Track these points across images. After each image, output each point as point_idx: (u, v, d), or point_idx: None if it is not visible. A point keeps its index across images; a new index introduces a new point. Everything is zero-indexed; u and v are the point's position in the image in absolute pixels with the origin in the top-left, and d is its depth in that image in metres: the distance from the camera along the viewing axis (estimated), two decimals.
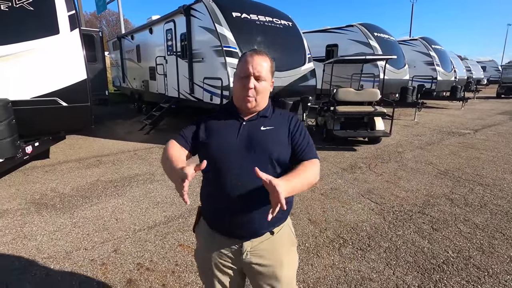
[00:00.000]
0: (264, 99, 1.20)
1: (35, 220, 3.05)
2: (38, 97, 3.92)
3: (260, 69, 1.12)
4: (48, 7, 3.87)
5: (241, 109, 1.21)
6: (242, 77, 1.14)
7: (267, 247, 1.18)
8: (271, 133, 1.16)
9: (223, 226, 1.18)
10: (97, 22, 42.67)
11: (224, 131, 1.17)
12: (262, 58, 1.15)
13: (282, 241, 1.22)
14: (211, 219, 1.22)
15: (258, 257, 1.17)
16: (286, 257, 1.22)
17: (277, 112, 1.25)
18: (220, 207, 1.16)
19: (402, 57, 11.29)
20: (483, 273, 2.25)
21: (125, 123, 9.04)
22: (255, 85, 1.13)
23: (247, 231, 1.15)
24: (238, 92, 1.17)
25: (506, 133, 7.55)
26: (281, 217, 1.21)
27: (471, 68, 24.80)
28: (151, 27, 8.70)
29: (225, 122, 1.20)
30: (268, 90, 1.19)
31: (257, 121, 1.19)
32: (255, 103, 1.16)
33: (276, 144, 1.15)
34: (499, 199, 3.58)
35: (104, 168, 4.74)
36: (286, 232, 1.24)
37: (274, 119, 1.21)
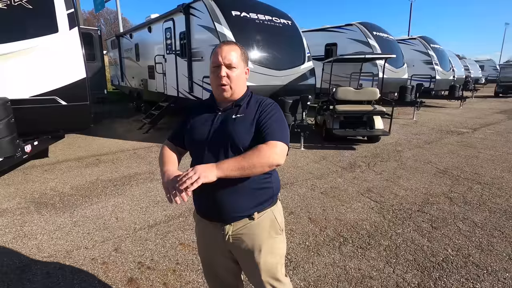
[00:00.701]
0: (239, 87, 1.23)
1: (35, 219, 3.04)
2: (37, 96, 3.91)
3: (230, 57, 1.17)
4: (47, 5, 3.86)
5: (219, 100, 1.26)
6: (214, 67, 1.19)
7: (247, 232, 1.22)
8: (240, 120, 1.19)
9: (204, 210, 1.28)
10: (95, 21, 42.50)
11: (200, 124, 1.24)
12: (231, 47, 1.19)
13: (263, 227, 1.24)
14: (196, 205, 1.31)
15: (240, 241, 1.22)
16: (266, 243, 1.24)
17: (254, 99, 1.27)
18: (200, 194, 1.20)
19: (401, 56, 11.31)
20: (482, 271, 2.27)
21: (124, 122, 9.03)
22: (227, 72, 1.17)
23: (224, 214, 1.20)
24: (213, 83, 1.22)
25: (505, 132, 7.59)
26: (262, 202, 1.24)
27: (469, 67, 24.87)
28: (150, 25, 8.67)
29: (203, 115, 1.26)
30: (242, 77, 1.23)
31: (231, 110, 1.23)
32: (231, 91, 1.20)
33: (244, 130, 1.17)
34: (497, 198, 3.60)
35: (104, 167, 4.73)
36: (269, 218, 1.26)
37: (249, 106, 1.24)
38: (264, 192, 1.24)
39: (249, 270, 1.29)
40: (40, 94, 3.93)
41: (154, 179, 4.19)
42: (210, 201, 1.20)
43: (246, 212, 1.21)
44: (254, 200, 1.22)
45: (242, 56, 1.21)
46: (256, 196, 1.22)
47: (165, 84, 8.07)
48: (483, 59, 35.28)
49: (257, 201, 1.22)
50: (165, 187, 1.11)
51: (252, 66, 5.87)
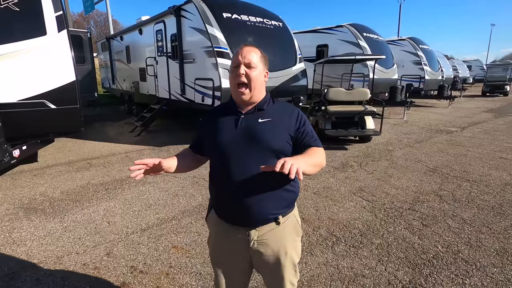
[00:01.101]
0: (258, 90, 1.22)
1: (24, 225, 2.99)
2: (26, 99, 3.84)
3: (250, 57, 1.17)
4: (35, 8, 3.80)
5: (238, 102, 1.24)
6: (234, 67, 1.19)
7: (273, 237, 1.22)
8: (269, 124, 1.19)
9: (228, 214, 1.25)
10: (85, 23, 41.96)
11: (224, 126, 1.22)
12: (251, 48, 1.20)
13: (288, 231, 1.26)
14: (218, 209, 1.29)
15: (265, 245, 1.22)
16: (290, 246, 1.26)
17: (277, 103, 1.29)
18: (224, 197, 1.23)
19: (390, 57, 11.48)
20: (471, 267, 2.32)
21: (115, 125, 8.93)
22: (246, 71, 1.16)
23: (250, 218, 1.19)
24: (232, 83, 1.21)
25: (492, 130, 7.77)
26: (286, 205, 1.26)
27: (457, 67, 25.40)
28: (140, 27, 8.62)
29: (224, 118, 1.24)
30: (261, 79, 1.22)
31: (255, 114, 1.22)
32: (250, 93, 1.19)
33: (274, 135, 1.17)
34: (485, 195, 3.68)
35: (95, 171, 4.67)
36: (292, 223, 1.28)
37: (272, 111, 1.24)
38: (289, 195, 1.26)
39: (271, 272, 1.29)
40: (28, 98, 3.86)
41: (147, 182, 4.16)
42: (237, 205, 1.19)
43: (273, 216, 1.21)
44: (280, 204, 1.23)
45: (262, 58, 1.21)
46: (282, 199, 1.23)
47: (157, 86, 8.02)
48: (470, 60, 36.08)
49: (282, 204, 1.24)
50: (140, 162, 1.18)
51: None
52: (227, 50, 5.74)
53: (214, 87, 5.73)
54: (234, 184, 1.16)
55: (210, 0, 6.15)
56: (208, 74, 5.86)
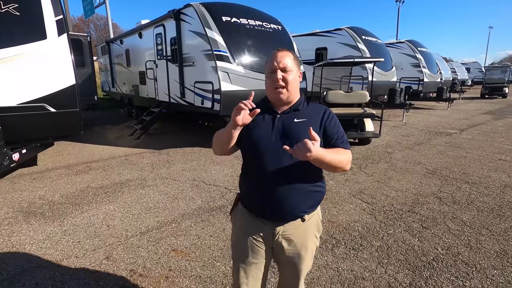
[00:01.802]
0: (295, 91, 1.28)
1: (23, 229, 2.98)
2: (25, 103, 3.86)
3: (285, 61, 1.23)
4: (35, 12, 3.82)
5: (275, 103, 1.31)
6: (270, 73, 1.25)
7: (297, 233, 1.30)
8: (304, 124, 1.23)
9: (259, 209, 1.31)
10: (85, 27, 42.09)
11: (261, 123, 1.28)
12: (284, 53, 1.25)
13: (311, 228, 1.34)
14: (248, 203, 1.36)
15: (288, 240, 1.30)
16: (311, 242, 1.35)
17: (310, 105, 1.35)
18: (256, 192, 1.29)
19: (389, 59, 11.53)
20: (471, 269, 2.31)
21: (115, 128, 8.93)
22: (283, 75, 1.23)
23: (280, 214, 1.26)
24: (269, 87, 1.27)
25: (491, 132, 7.79)
26: (313, 204, 1.33)
27: (456, 70, 25.52)
28: (140, 31, 8.66)
29: (261, 116, 1.28)
30: (297, 81, 1.29)
31: (290, 114, 1.28)
32: (287, 94, 1.26)
33: (306, 133, 1.17)
34: (485, 196, 3.69)
35: (94, 174, 4.67)
36: (315, 220, 1.37)
37: (307, 111, 1.30)
38: (317, 195, 1.33)
39: (290, 265, 1.36)
40: (28, 101, 3.87)
41: (146, 185, 4.16)
42: (268, 199, 1.25)
43: (301, 214, 1.29)
44: (309, 202, 1.30)
45: (295, 60, 1.27)
46: (311, 198, 1.31)
47: (157, 89, 8.05)
48: (469, 62, 36.25)
49: (311, 203, 1.31)
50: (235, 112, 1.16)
51: (243, 70, 5.91)
52: (227, 53, 5.77)
53: (213, 90, 5.75)
54: (268, 180, 1.23)
55: (209, 4, 6.19)
56: (208, 77, 5.88)
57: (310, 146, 1.02)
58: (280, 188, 1.23)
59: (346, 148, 1.26)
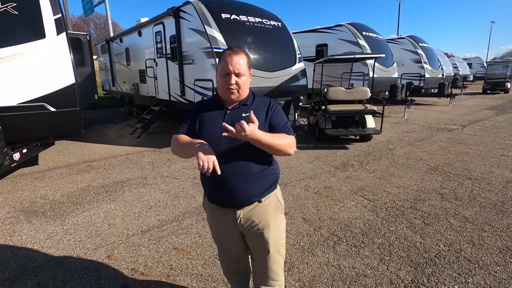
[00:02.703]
0: (245, 90, 1.39)
1: (25, 229, 2.98)
2: (25, 102, 3.85)
3: (239, 67, 1.30)
4: (33, 11, 3.80)
5: (225, 100, 1.39)
6: (224, 74, 1.32)
7: (256, 213, 1.40)
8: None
9: (217, 198, 1.43)
10: (85, 26, 42.03)
11: (212, 120, 1.37)
12: (239, 57, 1.32)
13: (269, 208, 1.43)
14: (208, 194, 1.47)
15: (250, 222, 1.40)
16: (273, 221, 1.44)
17: (257, 99, 1.44)
18: (211, 182, 1.40)
19: (390, 55, 11.47)
20: (474, 265, 2.30)
21: (115, 127, 8.93)
22: (237, 80, 1.31)
23: (236, 201, 1.37)
24: (222, 87, 1.35)
25: (493, 127, 7.74)
26: (267, 187, 1.42)
27: (457, 65, 25.38)
28: (140, 29, 8.62)
29: (212, 113, 1.39)
30: (248, 82, 1.39)
31: (239, 109, 1.38)
32: (238, 94, 1.36)
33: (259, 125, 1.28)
34: (487, 192, 3.66)
35: (95, 173, 4.67)
36: (274, 200, 1.45)
37: (253, 105, 1.39)
38: (270, 178, 1.43)
39: (257, 245, 1.46)
40: (28, 101, 3.86)
41: (147, 184, 4.16)
42: (224, 189, 1.35)
43: (256, 198, 1.38)
44: (262, 187, 1.40)
45: (248, 63, 1.36)
46: (264, 182, 1.40)
47: (157, 88, 8.03)
48: (470, 57, 36.02)
49: (264, 187, 1.41)
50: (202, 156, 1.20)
51: None
52: None
53: (213, 88, 5.72)
54: (221, 172, 1.26)
55: (208, 1, 6.15)
56: (208, 75, 5.85)
57: (245, 126, 1.13)
58: (232, 177, 1.32)
59: (289, 134, 1.36)
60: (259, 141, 1.21)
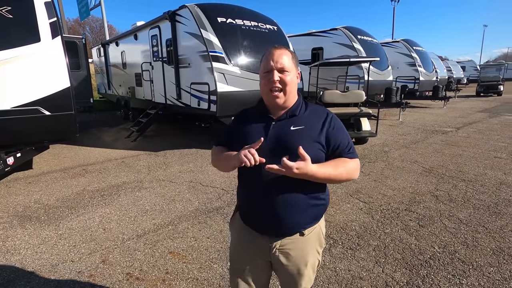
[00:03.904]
0: (292, 94, 1.17)
1: (18, 234, 2.95)
2: (19, 106, 3.82)
3: (282, 61, 1.12)
4: (28, 15, 3.79)
5: (270, 107, 1.20)
6: (265, 72, 1.14)
7: (296, 247, 1.19)
8: (301, 133, 1.14)
9: (254, 223, 1.22)
10: (81, 29, 41.93)
11: (254, 132, 1.17)
12: (282, 51, 1.14)
13: (311, 242, 1.23)
14: (244, 215, 1.27)
15: (286, 255, 1.20)
16: (312, 257, 1.24)
17: (310, 108, 1.22)
18: (252, 205, 1.21)
19: (385, 59, 11.58)
20: (468, 267, 2.32)
21: (111, 130, 8.88)
22: (280, 77, 1.12)
23: (277, 229, 1.17)
24: (265, 90, 1.16)
25: (486, 130, 7.84)
26: (314, 218, 1.22)
27: (451, 68, 25.69)
28: (136, 33, 8.63)
29: (255, 124, 1.20)
30: (295, 82, 1.17)
31: (286, 120, 1.17)
32: (284, 98, 1.15)
33: (305, 144, 1.08)
34: (481, 194, 3.70)
35: (90, 177, 4.64)
36: (317, 234, 1.25)
37: (305, 117, 1.18)
38: (319, 208, 1.23)
39: (288, 281, 1.26)
40: (22, 105, 3.84)
41: (143, 187, 4.14)
42: (268, 216, 1.16)
43: (300, 229, 1.19)
44: (308, 216, 1.20)
45: (293, 59, 1.16)
46: (311, 212, 1.20)
47: (153, 91, 8.02)
48: (464, 60, 36.56)
49: (310, 217, 1.21)
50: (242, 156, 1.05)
51: (239, 71, 5.91)
52: (222, 54, 5.76)
53: (209, 91, 5.73)
54: (263, 193, 1.13)
55: (204, 5, 6.18)
56: (204, 79, 5.87)
57: (291, 164, 0.98)
58: (276, 202, 1.13)
59: (352, 158, 1.16)
60: (312, 177, 1.05)
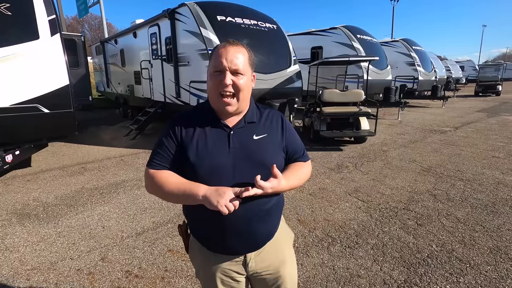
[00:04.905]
0: (246, 99, 1.03)
1: (17, 231, 2.95)
2: (18, 104, 3.81)
3: (237, 61, 0.95)
4: (27, 12, 3.78)
5: (219, 113, 1.04)
6: (216, 71, 0.97)
7: (269, 249, 1.12)
8: (266, 142, 1.05)
9: (224, 247, 1.07)
10: (79, 27, 41.71)
11: (211, 146, 1.00)
12: (238, 48, 0.97)
13: (282, 240, 1.17)
14: (209, 243, 1.09)
15: (262, 261, 1.11)
16: (288, 255, 1.19)
17: (263, 113, 1.11)
18: (218, 230, 1.03)
19: (384, 58, 11.58)
20: (465, 265, 2.34)
21: (110, 128, 8.87)
22: (233, 80, 0.96)
23: (249, 246, 1.08)
24: (213, 92, 1.00)
25: (484, 129, 7.86)
26: (279, 218, 1.18)
27: (450, 68, 25.74)
28: (135, 31, 8.59)
29: (209, 133, 1.02)
30: (249, 86, 1.02)
31: (246, 128, 1.04)
32: (237, 104, 1.00)
33: (273, 154, 1.05)
34: (478, 193, 3.72)
35: (89, 175, 4.63)
36: (283, 229, 1.20)
37: (263, 123, 1.08)
38: (281, 207, 1.19)
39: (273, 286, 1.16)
40: (21, 102, 3.83)
41: (142, 186, 4.14)
42: (234, 237, 1.03)
43: (271, 235, 1.12)
44: (276, 221, 1.15)
45: (250, 60, 1.01)
46: (277, 216, 1.16)
47: (152, 89, 8.00)
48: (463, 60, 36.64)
49: (278, 220, 1.16)
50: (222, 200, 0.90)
51: None
52: None
53: None
54: (231, 217, 0.94)
55: (204, 3, 6.17)
56: (203, 77, 5.86)
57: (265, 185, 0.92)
58: (245, 221, 1.01)
59: (306, 160, 1.16)
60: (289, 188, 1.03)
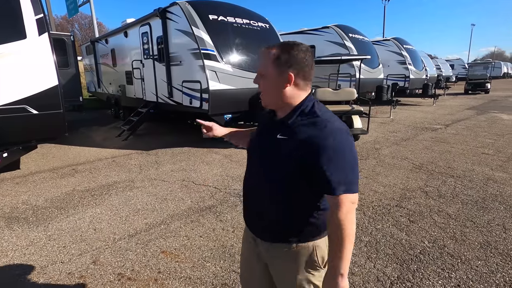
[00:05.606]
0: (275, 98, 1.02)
1: (6, 235, 2.88)
2: (5, 105, 3.73)
3: (260, 63, 1.03)
4: (13, 11, 3.69)
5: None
6: None
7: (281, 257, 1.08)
8: (282, 143, 0.99)
9: (244, 214, 1.23)
10: (69, 26, 41.08)
11: (258, 131, 1.20)
12: (264, 51, 1.01)
13: (300, 261, 1.05)
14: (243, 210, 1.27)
15: (272, 260, 1.12)
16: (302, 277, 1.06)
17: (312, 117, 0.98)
18: (244, 198, 1.23)
19: (376, 57, 11.70)
20: (457, 260, 2.37)
21: (101, 129, 8.75)
22: (257, 81, 1.06)
23: (258, 227, 1.15)
24: None
25: (474, 127, 8.00)
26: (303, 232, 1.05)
27: (440, 66, 26.14)
28: (126, 30, 8.49)
29: (264, 122, 1.18)
30: (273, 87, 1.00)
31: (278, 126, 1.04)
32: (265, 102, 1.07)
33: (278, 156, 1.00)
34: (469, 190, 3.78)
35: (80, 177, 4.56)
36: (308, 253, 1.05)
37: (297, 126, 0.97)
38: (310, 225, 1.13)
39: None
40: (8, 103, 3.75)
41: (134, 187, 4.09)
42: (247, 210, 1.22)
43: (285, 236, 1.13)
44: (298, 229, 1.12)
45: (276, 60, 0.97)
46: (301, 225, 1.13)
47: (144, 89, 7.92)
48: (453, 59, 37.23)
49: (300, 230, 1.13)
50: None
51: (231, 69, 5.88)
52: (214, 52, 5.72)
53: (201, 89, 5.69)
54: (248, 193, 1.18)
55: (196, 2, 6.12)
56: (196, 76, 5.82)
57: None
58: (256, 202, 1.14)
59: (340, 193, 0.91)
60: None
